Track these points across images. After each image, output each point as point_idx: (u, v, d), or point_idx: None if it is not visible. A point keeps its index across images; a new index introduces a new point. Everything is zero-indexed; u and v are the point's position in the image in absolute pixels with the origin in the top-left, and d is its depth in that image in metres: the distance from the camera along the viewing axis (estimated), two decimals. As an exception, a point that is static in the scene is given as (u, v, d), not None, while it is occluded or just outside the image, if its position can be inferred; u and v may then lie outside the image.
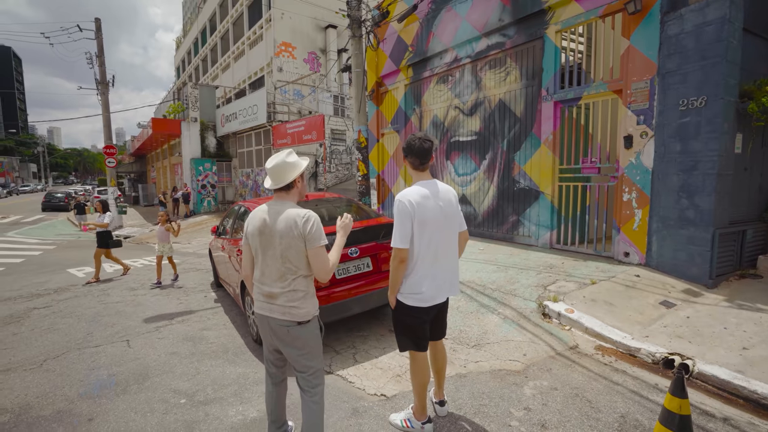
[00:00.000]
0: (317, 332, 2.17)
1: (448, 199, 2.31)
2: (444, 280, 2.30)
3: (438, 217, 2.23)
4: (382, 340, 3.92)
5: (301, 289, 2.07)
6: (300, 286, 2.06)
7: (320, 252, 2.03)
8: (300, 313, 2.06)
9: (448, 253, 2.31)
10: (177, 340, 4.14)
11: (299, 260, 2.04)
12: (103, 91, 17.23)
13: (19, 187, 50.44)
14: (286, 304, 2.05)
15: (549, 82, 5.89)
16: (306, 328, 2.09)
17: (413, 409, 2.49)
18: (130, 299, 5.83)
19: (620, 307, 4.05)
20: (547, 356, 3.42)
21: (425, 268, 2.22)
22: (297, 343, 2.09)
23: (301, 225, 2.00)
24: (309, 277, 2.11)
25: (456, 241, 2.38)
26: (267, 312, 2.11)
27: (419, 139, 2.26)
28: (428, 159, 2.29)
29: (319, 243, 2.02)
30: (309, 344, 2.11)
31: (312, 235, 2.00)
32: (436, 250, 2.24)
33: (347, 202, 4.77)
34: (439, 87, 8.06)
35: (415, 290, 2.24)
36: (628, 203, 5.03)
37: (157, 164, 28.16)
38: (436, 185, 2.31)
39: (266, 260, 2.08)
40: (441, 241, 2.26)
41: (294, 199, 2.16)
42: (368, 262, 3.86)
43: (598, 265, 5.18)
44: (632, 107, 4.90)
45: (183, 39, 38.82)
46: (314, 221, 2.03)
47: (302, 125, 14.34)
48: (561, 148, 5.90)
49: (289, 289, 2.05)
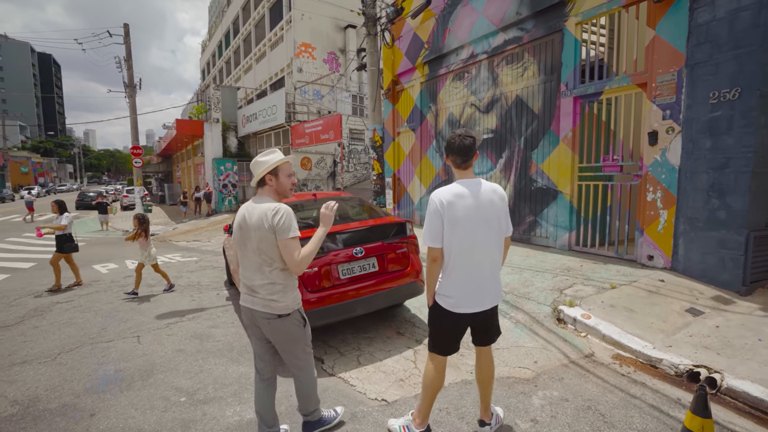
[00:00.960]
0: (298, 325, 2.21)
1: (489, 200, 2.12)
2: (478, 286, 2.14)
3: (473, 218, 2.07)
4: (389, 343, 3.82)
5: (279, 281, 2.11)
6: (278, 279, 2.11)
7: (289, 244, 2.05)
8: (279, 306, 2.12)
9: (485, 258, 2.14)
10: (185, 337, 4.18)
11: (273, 252, 2.09)
12: (131, 94, 17.84)
13: (57, 186, 53.19)
14: (267, 297, 2.12)
15: (568, 76, 5.63)
16: (286, 321, 2.16)
17: (413, 415, 2.38)
18: (146, 296, 5.96)
19: (641, 313, 3.80)
20: (559, 364, 3.23)
21: (457, 271, 2.11)
22: (279, 335, 2.19)
23: (271, 217, 2.04)
24: (287, 270, 2.14)
25: (499, 245, 2.20)
26: (250, 304, 2.18)
27: (459, 136, 2.13)
28: (471, 156, 2.14)
29: (287, 235, 2.04)
30: (292, 336, 2.20)
31: (280, 227, 2.04)
32: (470, 253, 2.09)
33: (359, 202, 4.69)
34: (455, 84, 7.88)
35: (445, 293, 2.15)
36: (653, 203, 4.73)
37: (182, 164, 29.03)
38: (478, 184, 2.13)
39: (246, 253, 2.16)
40: (476, 243, 2.09)
41: (270, 194, 2.19)
42: (374, 263, 3.77)
43: (619, 269, 4.90)
44: (658, 101, 4.61)
45: (208, 42, 39.93)
46: (283, 213, 2.05)
47: (320, 125, 14.42)
48: (581, 146, 5.63)
49: (268, 282, 2.11)
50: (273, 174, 2.16)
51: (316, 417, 2.42)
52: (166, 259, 9.39)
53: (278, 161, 2.16)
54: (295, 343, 2.23)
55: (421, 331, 4.03)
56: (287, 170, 2.20)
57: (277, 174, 2.17)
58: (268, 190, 2.19)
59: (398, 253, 3.89)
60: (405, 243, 3.99)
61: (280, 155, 2.20)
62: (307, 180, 18.04)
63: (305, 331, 2.26)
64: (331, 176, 18.79)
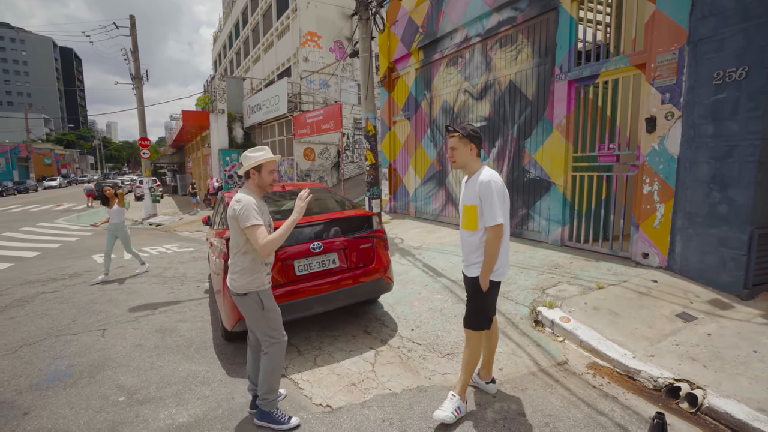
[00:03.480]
0: (255, 307, 2.40)
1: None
2: (508, 255, 2.51)
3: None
4: (352, 343, 3.62)
5: (238, 264, 2.37)
6: (238, 261, 2.37)
7: (248, 232, 2.26)
8: (236, 285, 2.38)
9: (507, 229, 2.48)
10: (149, 332, 4.07)
11: (237, 238, 2.36)
12: (138, 86, 17.98)
13: (78, 177, 54.80)
14: (230, 275, 2.43)
15: (563, 58, 5.22)
16: (244, 300, 2.40)
17: (458, 392, 2.48)
18: (128, 287, 5.92)
19: (627, 318, 3.47)
20: (526, 372, 2.97)
21: (504, 243, 2.38)
22: (243, 310, 2.46)
23: (233, 207, 2.29)
24: (247, 254, 2.36)
25: None
26: (227, 281, 2.49)
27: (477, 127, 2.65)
28: None
29: (245, 224, 2.25)
30: (251, 314, 2.43)
31: (240, 217, 2.26)
32: (507, 226, 2.40)
33: (326, 194, 4.47)
34: (449, 70, 7.50)
35: (503, 263, 2.42)
36: (649, 196, 4.34)
37: (193, 155, 29.34)
38: None
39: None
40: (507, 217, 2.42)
41: (250, 187, 2.44)
42: (335, 258, 3.55)
43: (610, 267, 4.55)
44: (657, 83, 4.19)
45: (219, 33, 39.96)
46: (243, 205, 2.27)
47: (320, 115, 14.18)
48: (575, 134, 5.24)
49: (231, 263, 2.41)
50: (256, 170, 2.40)
51: (267, 407, 2.47)
52: (163, 249, 9.41)
53: (262, 159, 2.38)
54: (256, 322, 2.43)
55: (389, 331, 3.81)
56: (270, 167, 2.42)
57: (260, 170, 2.40)
58: (251, 183, 2.43)
59: (362, 249, 3.66)
60: (371, 237, 3.75)
61: (266, 154, 2.41)
62: (311, 171, 17.91)
63: (264, 314, 2.42)
64: (335, 167, 18.61)
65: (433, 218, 8.42)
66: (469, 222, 2.41)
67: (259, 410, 2.49)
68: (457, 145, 2.40)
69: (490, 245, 2.32)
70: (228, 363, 3.32)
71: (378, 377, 3.01)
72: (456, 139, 2.40)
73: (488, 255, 2.33)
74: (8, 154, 45.18)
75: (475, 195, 2.34)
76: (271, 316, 2.44)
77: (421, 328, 3.80)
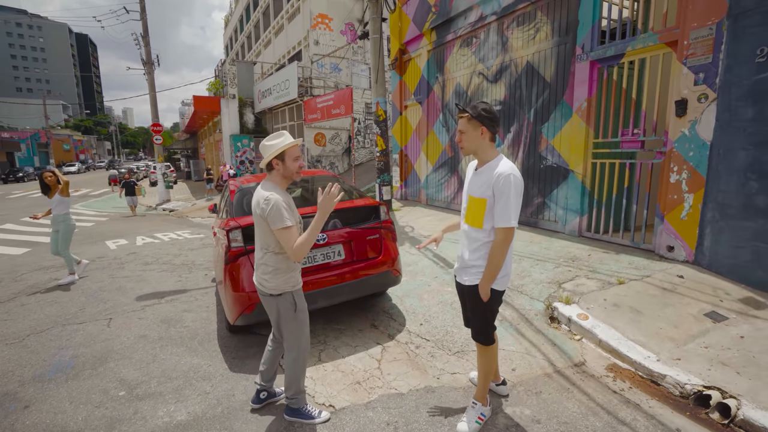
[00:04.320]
0: (289, 307, 2.27)
1: None
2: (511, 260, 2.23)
3: None
4: (358, 337, 3.50)
5: (270, 264, 2.21)
6: (270, 261, 2.21)
7: (281, 234, 2.10)
8: (268, 286, 2.23)
9: None
10: (154, 322, 4.03)
11: (266, 238, 2.20)
12: (149, 71, 17.92)
13: (96, 163, 55.91)
14: (260, 275, 2.27)
15: (585, 37, 4.86)
16: (277, 301, 2.26)
17: (480, 399, 2.31)
18: (138, 275, 5.93)
19: (650, 316, 3.25)
20: (541, 373, 2.80)
21: (511, 247, 2.10)
22: (271, 311, 2.34)
23: (262, 206, 2.11)
24: (280, 254, 2.22)
25: None
26: (255, 279, 2.34)
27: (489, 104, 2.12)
28: None
29: (277, 226, 2.09)
30: (281, 315, 2.29)
31: (270, 218, 2.09)
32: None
33: (332, 181, 4.29)
34: (463, 51, 7.15)
35: (508, 270, 2.14)
36: (677, 185, 4.05)
37: (205, 141, 29.48)
38: None
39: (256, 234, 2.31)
40: None
41: (275, 179, 2.23)
42: (340, 250, 3.41)
43: (632, 260, 4.30)
44: (689, 62, 3.84)
45: (230, 17, 39.53)
46: (272, 204, 2.08)
47: (331, 99, 13.92)
48: (597, 118, 4.92)
49: (262, 263, 2.25)
50: (279, 159, 2.18)
51: (296, 405, 2.42)
52: (174, 236, 9.45)
53: (284, 146, 2.15)
54: (285, 323, 2.30)
55: (397, 325, 3.68)
56: (293, 154, 2.21)
57: (284, 158, 2.18)
58: (276, 174, 2.23)
59: (369, 240, 3.51)
60: (378, 228, 3.59)
61: (287, 139, 2.18)
62: (321, 156, 17.75)
63: (297, 316, 2.29)
64: (346, 152, 18.40)
65: (444, 206, 8.20)
66: (474, 217, 2.10)
67: (288, 407, 2.44)
68: (465, 128, 2.06)
69: (497, 249, 2.00)
70: (231, 357, 3.25)
71: (384, 375, 2.89)
72: (465, 120, 2.06)
73: (493, 261, 2.02)
74: (29, 140, 46.24)
75: (487, 187, 2.02)
76: (301, 317, 2.31)
77: (430, 322, 3.65)
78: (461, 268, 2.21)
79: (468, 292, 2.19)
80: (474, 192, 2.11)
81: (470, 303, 2.21)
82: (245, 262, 3.09)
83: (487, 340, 2.23)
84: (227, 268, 3.12)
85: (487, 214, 2.05)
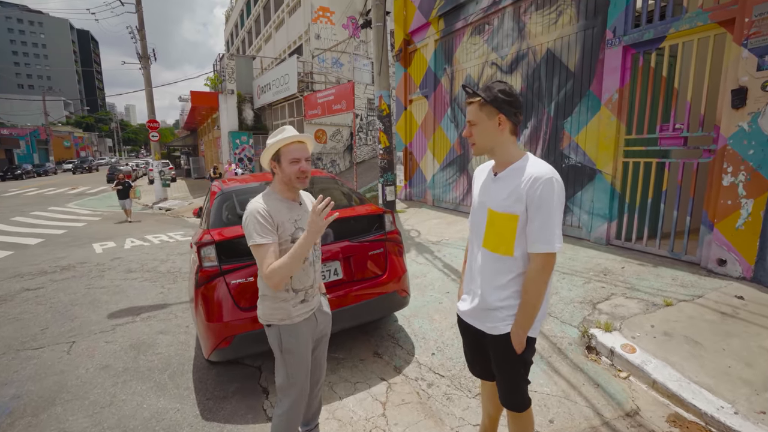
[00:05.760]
0: (275, 345, 1.81)
1: None
2: None
3: None
4: (359, 370, 2.95)
5: (260, 287, 1.84)
6: (260, 284, 1.84)
7: (254, 251, 1.69)
8: (258, 313, 1.84)
9: None
10: (122, 347, 3.50)
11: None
12: (145, 65, 17.37)
13: (97, 159, 55.50)
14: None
15: (617, 19, 4.27)
16: (269, 333, 1.83)
17: None
18: (117, 284, 5.40)
19: (712, 350, 2.69)
20: (586, 427, 2.24)
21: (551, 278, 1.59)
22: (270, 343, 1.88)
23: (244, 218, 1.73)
24: None
25: None
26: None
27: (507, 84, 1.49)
28: None
29: (250, 241, 1.68)
30: (274, 350, 1.84)
31: (246, 231, 1.70)
32: None
33: (332, 184, 3.73)
34: (474, 40, 6.56)
35: (545, 309, 1.58)
36: (731, 189, 3.46)
37: (205, 138, 28.95)
38: None
39: None
40: None
41: (275, 186, 1.81)
42: (337, 269, 2.85)
43: (675, 275, 3.72)
44: (752, 43, 3.25)
45: (231, 12, 38.91)
46: (247, 214, 1.70)
47: (332, 94, 13.35)
48: (630, 112, 4.33)
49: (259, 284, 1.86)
50: (275, 160, 1.77)
51: None
52: (166, 237, 8.92)
53: (277, 142, 1.72)
54: (277, 361, 1.86)
55: (404, 354, 3.12)
56: (291, 154, 1.73)
57: (279, 160, 1.75)
58: (277, 180, 1.82)
59: (372, 256, 2.95)
60: (383, 241, 3.03)
61: (283, 134, 1.75)
62: (322, 154, 17.19)
63: (284, 358, 1.81)
64: (348, 149, 17.83)
65: (452, 207, 7.63)
66: (499, 240, 1.51)
67: None
68: (477, 118, 1.48)
69: (536, 283, 1.45)
70: (205, 397, 2.70)
71: (390, 426, 2.34)
72: (476, 108, 1.48)
73: (531, 299, 1.47)
74: (28, 137, 45.83)
75: (517, 198, 1.45)
76: (289, 360, 1.81)
77: (444, 352, 3.09)
78: (479, 310, 1.60)
79: (494, 344, 1.59)
80: (496, 205, 1.52)
81: (498, 358, 1.62)
82: (221, 285, 2.54)
83: (522, 403, 1.66)
84: (198, 293, 2.57)
85: (519, 236, 1.48)
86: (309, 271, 1.82)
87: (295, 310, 1.79)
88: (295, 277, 1.77)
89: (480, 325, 1.62)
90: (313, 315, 1.88)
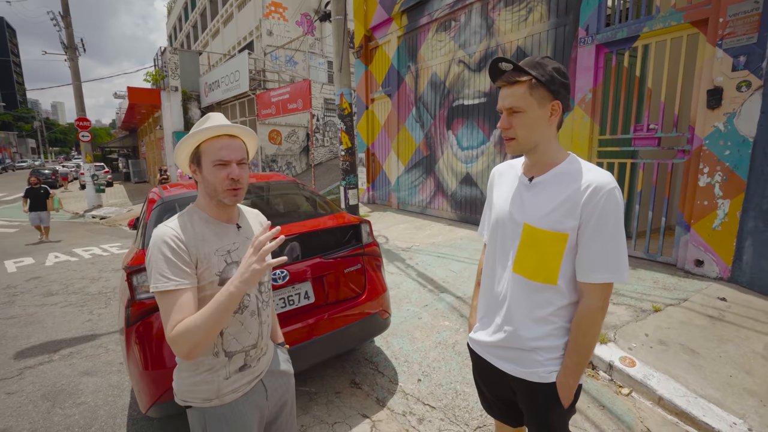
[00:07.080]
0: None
1: None
2: None
3: None
4: (335, 406, 2.51)
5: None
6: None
7: (158, 301, 1.08)
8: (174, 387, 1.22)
9: None
10: (31, 399, 2.78)
11: None
12: (71, 57, 15.53)
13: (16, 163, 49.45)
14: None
15: (590, 17, 4.19)
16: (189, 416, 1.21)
17: None
18: (31, 313, 4.49)
19: (710, 357, 2.57)
20: (602, 461, 1.99)
21: None
22: None
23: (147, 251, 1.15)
24: None
25: None
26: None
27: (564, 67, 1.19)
28: None
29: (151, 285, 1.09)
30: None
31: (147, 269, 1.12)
32: None
33: (296, 189, 3.24)
34: (440, 36, 6.34)
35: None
36: (708, 190, 3.45)
37: (146, 138, 26.67)
38: None
39: None
40: None
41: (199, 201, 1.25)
42: (308, 291, 2.40)
43: (656, 278, 3.67)
44: (727, 44, 3.24)
45: (173, 4, 36.31)
46: (152, 246, 1.11)
47: (287, 93, 12.64)
48: (603, 112, 4.28)
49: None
50: (194, 162, 1.20)
51: None
52: (99, 251, 7.82)
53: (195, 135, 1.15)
54: None
55: (387, 382, 2.73)
56: (215, 154, 1.14)
57: (200, 162, 1.17)
58: (200, 192, 1.24)
59: (348, 273, 2.53)
60: (360, 255, 2.61)
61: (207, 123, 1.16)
62: (277, 156, 16.35)
63: None
64: (304, 151, 17.13)
65: (419, 211, 7.36)
66: (539, 263, 1.16)
67: None
68: (524, 104, 1.10)
69: (596, 322, 1.12)
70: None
71: (380, 482, 1.94)
72: (524, 90, 1.09)
73: (585, 340, 1.14)
74: (-72, 137, 39.78)
75: (568, 212, 1.10)
76: None
77: (431, 377, 2.74)
78: (510, 349, 1.25)
79: (531, 393, 1.25)
80: (538, 221, 1.16)
81: (538, 409, 1.26)
82: (160, 323, 2.00)
83: None
84: (131, 332, 2.00)
85: (566, 260, 1.14)
86: (251, 323, 1.22)
87: (227, 384, 1.18)
88: (230, 333, 1.18)
89: (511, 369, 1.26)
90: (259, 384, 1.27)
